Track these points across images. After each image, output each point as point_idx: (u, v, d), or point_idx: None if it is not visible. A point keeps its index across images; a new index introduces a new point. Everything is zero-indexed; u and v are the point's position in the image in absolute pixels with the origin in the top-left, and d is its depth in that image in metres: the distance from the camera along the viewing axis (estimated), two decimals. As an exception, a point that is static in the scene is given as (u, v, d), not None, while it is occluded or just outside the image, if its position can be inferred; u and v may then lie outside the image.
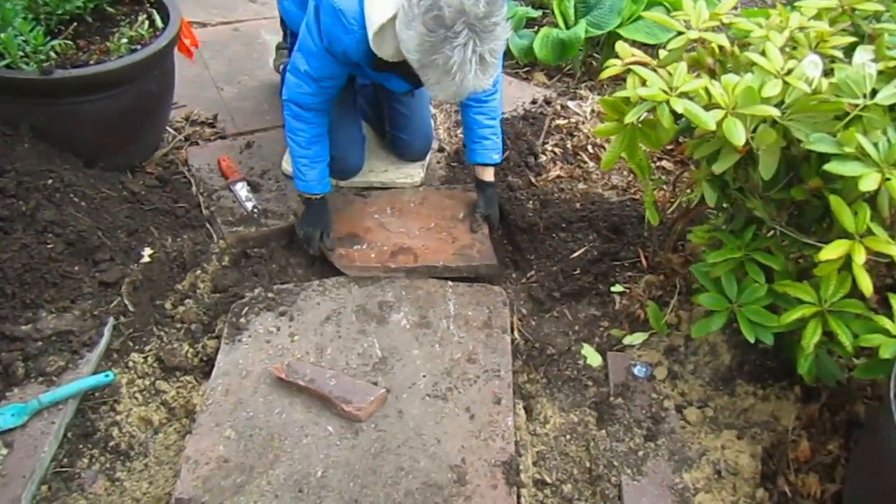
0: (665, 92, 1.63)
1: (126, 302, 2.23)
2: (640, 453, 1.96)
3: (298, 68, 2.24)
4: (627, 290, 2.38)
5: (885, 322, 1.66)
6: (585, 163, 2.87)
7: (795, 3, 1.91)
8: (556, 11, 3.28)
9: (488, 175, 2.56)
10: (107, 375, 2.02)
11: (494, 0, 1.80)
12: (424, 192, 2.74)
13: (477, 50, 1.80)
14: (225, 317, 2.26)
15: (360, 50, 2.07)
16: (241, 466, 1.84)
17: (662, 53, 1.87)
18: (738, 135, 1.54)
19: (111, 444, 1.97)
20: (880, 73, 1.60)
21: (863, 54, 1.62)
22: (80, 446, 1.95)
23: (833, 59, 1.75)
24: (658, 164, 2.89)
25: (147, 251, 2.36)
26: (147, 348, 2.20)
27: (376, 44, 2.02)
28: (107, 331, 2.14)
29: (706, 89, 1.65)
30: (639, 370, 2.16)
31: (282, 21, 2.83)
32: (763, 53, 1.69)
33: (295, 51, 2.26)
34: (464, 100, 2.41)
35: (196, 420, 1.96)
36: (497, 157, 2.53)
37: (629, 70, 1.83)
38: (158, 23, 2.55)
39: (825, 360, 1.85)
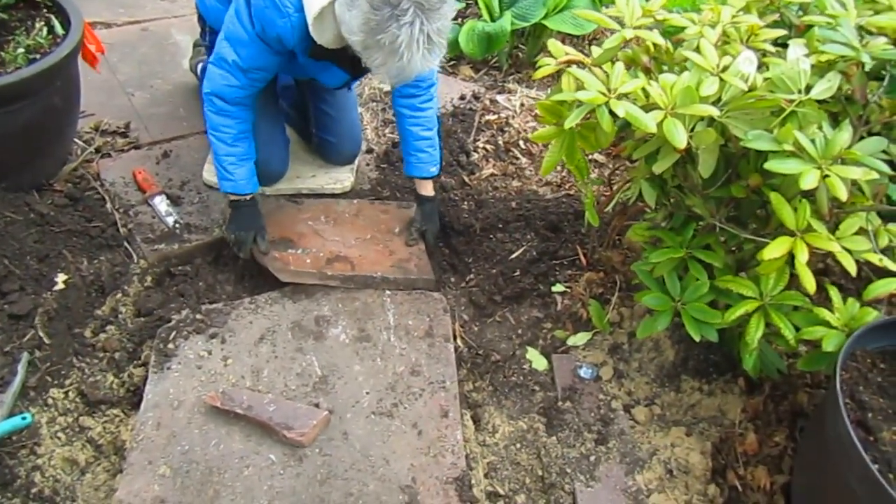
0: (603, 94, 1.59)
1: (40, 334, 2.07)
2: (592, 458, 1.94)
3: (225, 58, 2.10)
4: (568, 290, 2.36)
5: (825, 314, 1.67)
6: (518, 159, 2.82)
7: (725, -3, 1.90)
8: (481, 3, 3.22)
9: (426, 189, 2.46)
10: (24, 417, 1.87)
11: None
12: (359, 204, 2.62)
13: (424, 28, 1.74)
14: (151, 343, 2.12)
15: (296, 36, 1.97)
16: (179, 507, 1.74)
17: (595, 50, 1.83)
18: (679, 137, 1.52)
19: (34, 490, 1.82)
20: (813, 66, 1.60)
21: (796, 49, 1.61)
22: (-1, 497, 1.80)
23: (764, 53, 1.75)
24: (590, 157, 2.87)
25: (61, 277, 2.19)
26: (67, 382, 2.04)
27: (315, 29, 1.93)
28: (21, 367, 1.97)
29: (644, 90, 1.62)
30: (585, 372, 2.13)
31: (199, 17, 2.66)
32: (698, 50, 1.67)
33: (220, 40, 2.12)
34: (399, 103, 2.33)
35: (126, 458, 1.83)
36: (434, 170, 2.43)
37: (563, 69, 1.79)
38: (58, 29, 2.36)
39: (767, 352, 1.87)
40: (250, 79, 2.13)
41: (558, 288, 2.37)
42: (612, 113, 1.59)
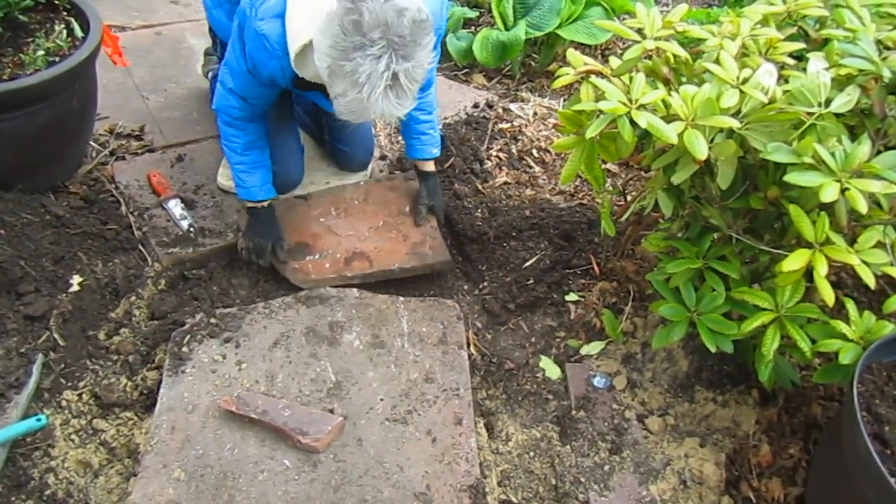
0: (625, 104, 1.60)
1: (55, 336, 2.07)
2: (606, 467, 1.94)
3: (225, 83, 2.15)
4: (582, 299, 2.36)
5: (842, 327, 1.67)
6: (531, 167, 2.83)
7: (742, 9, 1.91)
8: (495, 12, 3.23)
9: (428, 167, 2.52)
10: (38, 419, 1.87)
11: (421, 23, 1.68)
12: (366, 186, 2.67)
13: (391, 66, 1.66)
14: (165, 346, 2.12)
15: (286, 75, 1.99)
16: (194, 510, 1.74)
17: (614, 61, 1.84)
18: (700, 148, 1.52)
19: (47, 492, 1.82)
20: (832, 80, 1.61)
21: (816, 62, 1.62)
22: (13, 498, 1.80)
23: (783, 66, 1.75)
24: (603, 167, 2.87)
25: (76, 279, 2.20)
26: (81, 385, 2.05)
27: (298, 65, 1.92)
28: (35, 369, 1.98)
29: (664, 101, 1.63)
30: (598, 381, 2.14)
31: (210, 29, 2.69)
32: (718, 62, 1.68)
33: (223, 63, 2.16)
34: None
35: (141, 461, 1.83)
36: (436, 152, 2.49)
37: (581, 79, 1.80)
38: (78, 32, 2.37)
39: (781, 363, 1.87)
40: (250, 104, 2.16)
41: (572, 297, 2.37)
42: (632, 123, 1.60)
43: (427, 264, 2.41)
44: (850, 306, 1.70)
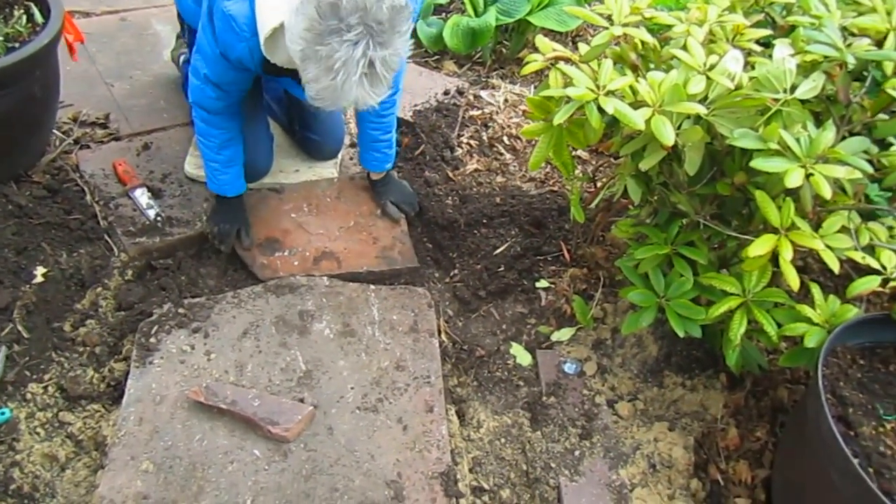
0: (592, 91, 1.60)
1: (19, 328, 2.04)
2: (577, 453, 1.95)
3: (198, 70, 2.09)
4: (552, 286, 2.37)
5: (807, 311, 1.70)
6: (502, 154, 2.83)
7: (710, -5, 1.92)
8: (465, -1, 3.22)
9: (377, 176, 2.55)
10: (2, 412, 1.84)
11: (400, 10, 1.63)
12: (339, 184, 2.65)
13: (368, 53, 1.60)
14: (132, 337, 2.09)
15: (255, 58, 1.93)
16: (163, 502, 1.71)
17: (583, 48, 1.84)
18: (667, 134, 1.53)
19: (12, 486, 1.79)
20: (798, 66, 1.62)
21: (782, 49, 1.63)
22: (-23, 493, 1.77)
23: (750, 52, 1.76)
24: (574, 154, 2.88)
25: (39, 270, 2.16)
26: (46, 377, 2.01)
27: (268, 49, 1.87)
28: (-1, 361, 1.95)
29: (632, 87, 1.63)
30: (569, 367, 2.15)
31: (178, 15, 2.63)
32: (685, 48, 1.68)
33: (194, 51, 2.11)
34: (352, 110, 2.32)
35: (108, 454, 1.81)
36: (388, 166, 2.51)
37: (550, 65, 1.80)
38: (38, 17, 2.31)
39: (748, 347, 1.89)
40: (224, 91, 2.11)
41: (542, 284, 2.38)
42: (600, 109, 1.60)
43: (395, 269, 2.40)
44: (816, 291, 1.73)
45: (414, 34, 3.29)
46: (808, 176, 1.49)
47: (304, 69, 1.70)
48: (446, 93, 3.08)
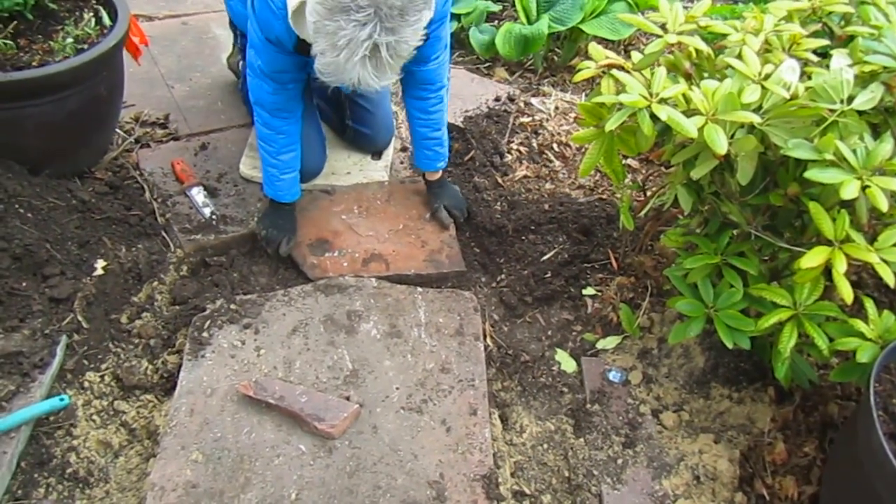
0: (645, 98, 1.60)
1: (79, 318, 2.11)
2: (619, 461, 1.94)
3: (253, 65, 2.15)
4: (599, 293, 2.36)
5: (860, 325, 1.66)
6: (551, 161, 2.83)
7: (767, 4, 1.90)
8: (519, 6, 3.23)
9: (432, 175, 2.56)
10: (62, 399, 1.91)
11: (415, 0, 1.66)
12: (390, 187, 2.69)
13: (374, 37, 1.62)
14: (186, 331, 2.16)
15: (291, 37, 1.96)
16: (211, 492, 1.76)
17: (636, 55, 1.84)
18: (720, 142, 1.52)
19: (69, 471, 1.86)
20: (855, 77, 1.60)
21: (840, 59, 1.61)
22: (36, 475, 1.84)
23: (807, 62, 1.74)
24: (624, 162, 2.87)
25: (100, 263, 2.24)
26: (103, 367, 2.09)
27: (295, 23, 1.89)
28: (59, 350, 2.02)
29: (685, 95, 1.62)
30: (614, 375, 2.14)
31: (230, 22, 2.70)
32: (740, 57, 1.67)
33: (248, 47, 2.17)
34: (410, 104, 2.36)
35: (160, 443, 1.87)
36: (441, 166, 2.52)
37: (602, 72, 1.80)
38: (106, 20, 2.41)
39: (798, 361, 1.86)
40: (279, 82, 2.16)
41: (589, 291, 2.38)
42: (653, 117, 1.60)
43: (442, 273, 2.42)
44: (869, 305, 1.69)
45: (466, 41, 3.35)
46: (864, 188, 1.47)
47: (314, 41, 1.73)
48: (497, 99, 3.10)
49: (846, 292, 1.51)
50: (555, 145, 2.89)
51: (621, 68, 1.77)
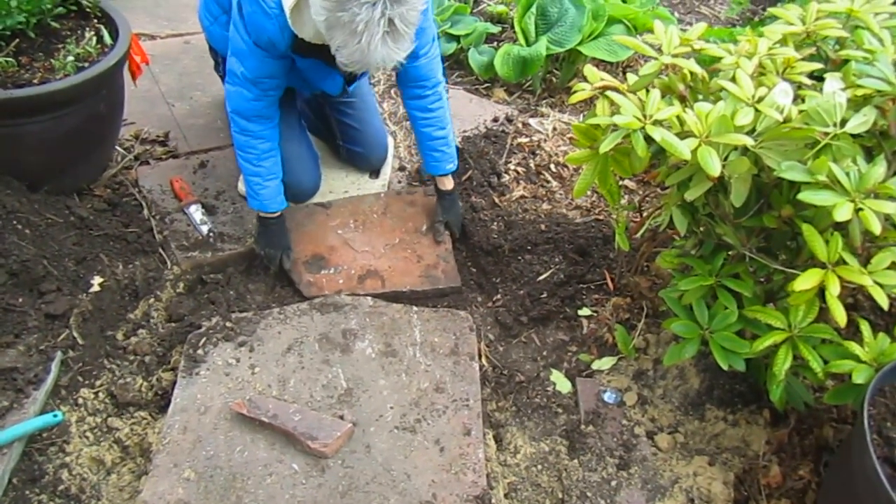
0: (639, 119, 1.61)
1: (75, 334, 2.11)
2: (613, 483, 1.93)
3: (235, 73, 2.16)
4: (595, 314, 2.36)
5: (854, 348, 1.66)
6: (548, 182, 2.84)
7: (762, 28, 1.92)
8: (518, 28, 3.26)
9: (445, 184, 2.55)
10: (55, 415, 1.91)
11: None
12: (386, 199, 2.70)
13: (386, 12, 1.71)
14: (181, 348, 2.16)
15: (285, 36, 2.00)
16: (202, 510, 1.76)
17: (631, 77, 1.85)
18: (713, 164, 1.53)
19: (60, 487, 1.86)
20: (848, 100, 1.61)
21: (833, 83, 1.62)
22: (27, 492, 1.83)
23: (800, 86, 1.76)
24: (621, 183, 2.88)
25: (96, 279, 2.24)
26: (98, 383, 2.08)
27: (295, 22, 1.95)
28: (54, 366, 2.02)
29: (679, 117, 1.63)
30: (609, 396, 2.13)
31: (210, 49, 2.71)
32: (734, 80, 1.68)
33: (229, 56, 2.17)
34: (409, 105, 2.37)
35: (152, 460, 1.86)
36: (451, 167, 2.51)
37: (598, 94, 1.81)
38: (107, 38, 2.43)
39: (793, 383, 1.86)
40: (262, 89, 2.17)
41: (585, 312, 2.37)
42: (646, 138, 1.61)
43: (438, 288, 2.44)
44: (865, 328, 1.69)
45: (465, 61, 3.38)
46: (857, 210, 1.47)
47: (330, 38, 1.81)
48: (495, 120, 3.12)
49: (839, 315, 1.51)
50: (552, 166, 2.90)
51: (616, 90, 1.78)
